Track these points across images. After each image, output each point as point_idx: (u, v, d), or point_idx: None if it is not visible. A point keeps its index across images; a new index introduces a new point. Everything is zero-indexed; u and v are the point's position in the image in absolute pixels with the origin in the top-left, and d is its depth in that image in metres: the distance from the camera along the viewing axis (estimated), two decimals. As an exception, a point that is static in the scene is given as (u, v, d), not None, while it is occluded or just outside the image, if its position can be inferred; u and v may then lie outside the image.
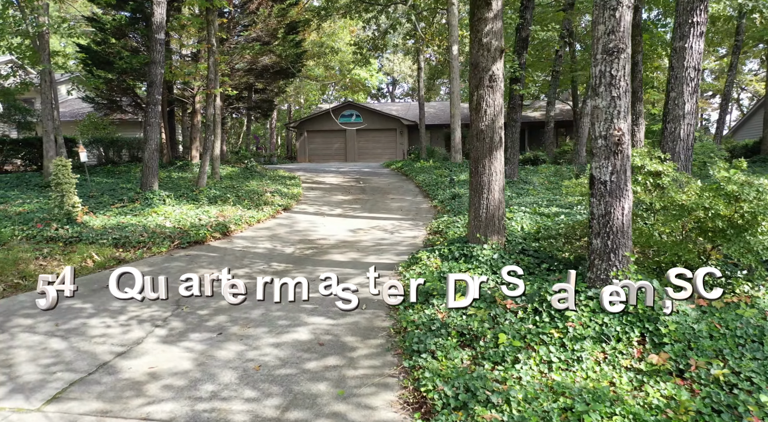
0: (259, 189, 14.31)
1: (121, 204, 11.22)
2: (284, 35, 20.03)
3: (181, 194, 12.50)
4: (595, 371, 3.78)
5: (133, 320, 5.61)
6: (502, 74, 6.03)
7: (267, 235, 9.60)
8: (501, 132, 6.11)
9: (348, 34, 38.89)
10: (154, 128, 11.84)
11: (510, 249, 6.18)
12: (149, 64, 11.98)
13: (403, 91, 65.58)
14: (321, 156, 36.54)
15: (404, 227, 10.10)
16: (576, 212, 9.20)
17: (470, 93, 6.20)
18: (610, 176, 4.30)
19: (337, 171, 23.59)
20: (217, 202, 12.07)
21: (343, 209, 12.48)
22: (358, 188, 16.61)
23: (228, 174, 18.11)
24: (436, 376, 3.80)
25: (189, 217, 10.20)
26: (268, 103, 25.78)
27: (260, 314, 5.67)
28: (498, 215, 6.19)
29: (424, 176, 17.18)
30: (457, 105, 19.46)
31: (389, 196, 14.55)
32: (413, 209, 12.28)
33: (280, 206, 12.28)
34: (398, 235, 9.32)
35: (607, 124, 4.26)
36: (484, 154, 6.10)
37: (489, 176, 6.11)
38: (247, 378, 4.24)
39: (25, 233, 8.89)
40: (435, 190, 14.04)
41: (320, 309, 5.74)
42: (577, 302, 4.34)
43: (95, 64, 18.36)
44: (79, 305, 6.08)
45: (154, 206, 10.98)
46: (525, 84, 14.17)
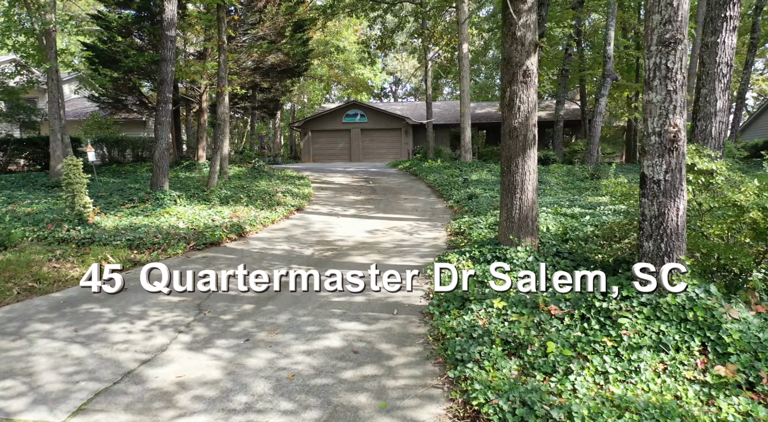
0: (269, 189, 14.10)
1: (131, 204, 11.00)
2: (292, 33, 19.81)
3: (192, 194, 12.28)
4: (657, 383, 3.55)
5: (155, 325, 5.39)
6: (536, 69, 5.81)
7: (283, 236, 9.37)
8: (535, 130, 5.89)
9: (353, 34, 38.70)
10: (165, 127, 11.62)
11: (544, 252, 5.96)
12: (159, 62, 11.76)
13: (405, 91, 65.41)
14: (325, 156, 36.32)
15: (422, 227, 9.87)
16: (600, 213, 8.97)
17: (502, 89, 5.97)
18: (665, 175, 4.07)
19: (344, 171, 23.37)
20: (229, 202, 11.85)
21: (357, 210, 12.26)
22: (368, 188, 16.39)
23: (236, 174, 17.89)
24: (487, 388, 3.57)
25: (202, 218, 9.98)
26: (273, 103, 25.57)
27: (287, 319, 5.45)
28: (531, 215, 5.97)
29: (435, 176, 16.96)
30: (466, 104, 19.24)
31: (401, 196, 14.33)
32: (428, 209, 12.05)
33: (293, 206, 12.05)
34: (418, 236, 9.09)
35: (661, 120, 4.03)
36: (517, 152, 5.87)
37: (522, 175, 5.89)
38: (281, 388, 4.01)
39: (36, 234, 8.67)
40: (449, 190, 13.82)
41: (350, 314, 5.52)
42: (629, 309, 4.12)
43: (101, 62, 18.14)
44: (98, 310, 5.86)
45: (165, 207, 10.76)
46: (539, 82, 13.92)
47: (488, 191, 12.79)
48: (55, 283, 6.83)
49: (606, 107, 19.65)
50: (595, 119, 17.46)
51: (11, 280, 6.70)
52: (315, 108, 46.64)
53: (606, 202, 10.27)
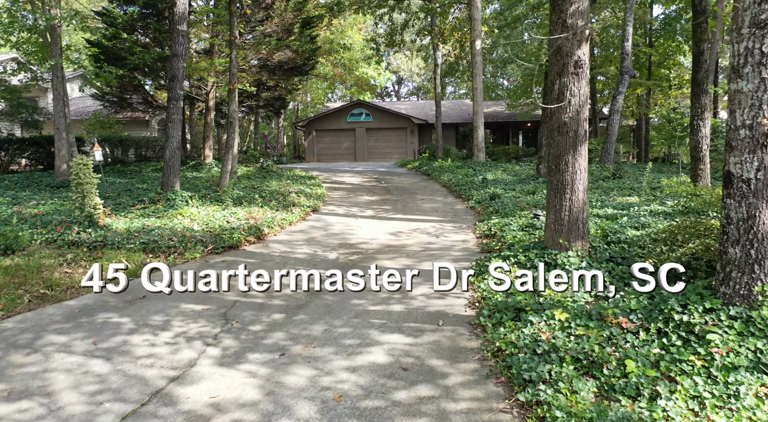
0: (282, 189, 13.68)
1: (141, 205, 10.58)
2: (300, 30, 19.39)
3: (204, 195, 11.86)
4: (763, 410, 3.14)
5: (180, 337, 4.98)
6: (588, 60, 5.40)
7: (303, 239, 8.96)
8: (585, 125, 5.48)
9: (357, 32, 38.28)
10: (176, 125, 11.21)
11: (597, 257, 5.55)
12: (171, 58, 11.35)
13: (408, 90, 64.98)
14: (330, 156, 35.92)
15: (447, 229, 9.46)
16: (635, 214, 8.55)
17: (551, 81, 5.56)
18: (756, 173, 3.66)
19: (352, 171, 22.96)
20: (243, 203, 11.43)
21: (375, 211, 11.85)
22: (381, 188, 15.98)
23: (244, 174, 17.48)
24: (569, 415, 3.16)
25: (217, 219, 9.57)
26: (280, 101, 25.15)
27: (322, 330, 5.03)
28: (582, 217, 5.56)
29: (449, 176, 16.55)
30: (480, 102, 18.83)
31: (417, 196, 13.91)
32: (449, 210, 11.64)
33: (309, 207, 11.63)
34: (445, 238, 8.68)
35: (753, 111, 3.62)
36: (567, 149, 5.47)
37: (573, 174, 5.48)
38: (329, 411, 3.61)
39: (45, 237, 8.26)
40: (467, 190, 13.41)
41: (390, 325, 5.10)
42: (717, 323, 3.71)
43: (106, 59, 17.73)
44: (116, 320, 5.45)
45: (177, 208, 10.35)
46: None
47: (509, 191, 12.39)
48: (68, 290, 6.42)
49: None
50: (612, 117, 17.04)
51: (21, 286, 6.29)
52: (317, 108, 46.22)
53: (637, 202, 9.86)
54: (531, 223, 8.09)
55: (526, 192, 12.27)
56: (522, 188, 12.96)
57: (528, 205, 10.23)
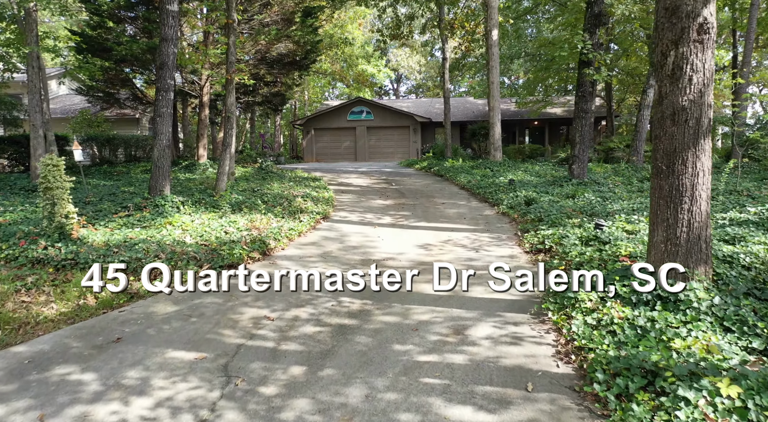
0: (285, 193, 12.22)
1: (125, 213, 9.11)
2: (302, 19, 17.93)
3: (198, 200, 10.41)
4: None
5: (162, 408, 3.54)
6: (715, 23, 4.00)
7: (317, 254, 7.51)
8: (710, 112, 4.07)
9: (357, 28, 36.85)
10: (166, 119, 9.74)
11: (729, 289, 4.14)
12: (159, 43, 9.87)
13: (407, 88, 63.48)
14: (329, 155, 34.43)
15: (485, 241, 8.04)
16: (723, 224, 7.16)
17: (661, 52, 4.16)
18: None
19: (357, 171, 21.52)
20: (243, 209, 9.96)
21: (393, 217, 10.41)
22: (393, 190, 14.54)
23: (243, 175, 16.02)
24: None
25: (213, 230, 8.11)
26: (279, 98, 23.68)
27: (362, 397, 3.61)
28: (705, 235, 4.16)
29: (467, 177, 15.14)
30: (496, 97, 17.44)
31: (436, 200, 12.48)
32: (477, 216, 10.22)
33: (318, 213, 10.17)
34: (486, 253, 7.26)
35: None
36: (686, 144, 4.07)
37: (693, 177, 4.08)
38: None
39: (5, 254, 6.80)
40: (493, 193, 11.99)
41: (456, 389, 3.67)
42: None
43: (90, 50, 16.20)
44: (77, 377, 4.00)
45: (167, 216, 8.89)
46: (598, 68, 12.16)
47: (542, 194, 11.00)
48: (20, 329, 4.97)
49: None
50: (642, 112, 15.68)
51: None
52: (315, 106, 44.70)
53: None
54: (594, 235, 6.69)
55: (564, 195, 10.86)
56: (556, 190, 11.57)
57: (575, 211, 8.83)
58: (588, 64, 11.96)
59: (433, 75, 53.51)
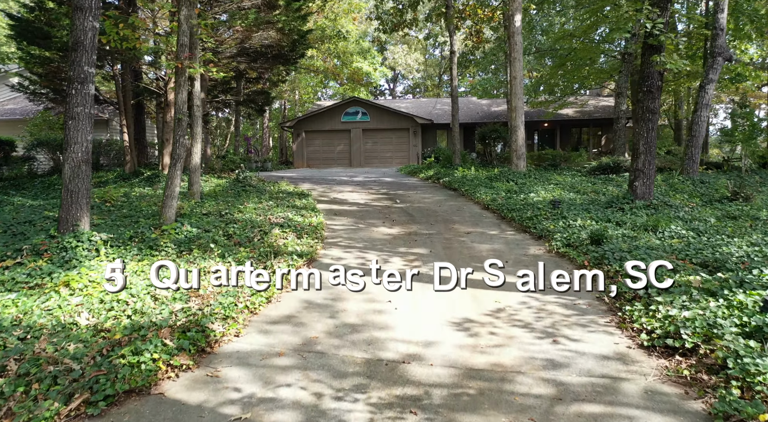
0: (260, 219, 9.27)
1: (13, 261, 6.18)
2: (287, 2, 15.02)
3: (134, 234, 7.48)
4: None
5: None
6: None
7: (291, 345, 4.59)
8: None
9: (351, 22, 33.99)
10: (82, 124, 6.82)
11: None
12: (72, 14, 6.94)
13: (404, 88, 60.59)
14: (321, 160, 31.53)
15: (557, 314, 5.16)
16: None
17: None
18: None
19: (351, 181, 18.61)
20: (192, 251, 7.02)
21: (404, 258, 7.49)
22: (399, 211, 11.63)
23: (213, 190, 13.07)
24: None
25: (131, 300, 5.19)
26: (263, 96, 20.75)
27: None
28: None
29: (489, 193, 12.29)
30: (519, 95, 14.60)
31: (457, 228, 9.58)
32: (523, 259, 7.32)
33: (301, 256, 7.25)
34: (571, 347, 4.39)
35: None
36: None
37: None
38: None
39: None
40: (532, 219, 9.13)
41: None
42: None
43: (26, 37, 13.22)
44: None
45: (74, 266, 5.98)
46: (668, 54, 9.38)
47: (604, 222, 8.16)
48: None
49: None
50: (700, 112, 12.91)
51: None
52: (307, 107, 41.73)
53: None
54: (764, 320, 3.85)
55: (639, 227, 7.98)
56: (618, 216, 8.73)
57: (678, 259, 5.96)
58: (657, 50, 9.15)
59: (432, 74, 50.70)
